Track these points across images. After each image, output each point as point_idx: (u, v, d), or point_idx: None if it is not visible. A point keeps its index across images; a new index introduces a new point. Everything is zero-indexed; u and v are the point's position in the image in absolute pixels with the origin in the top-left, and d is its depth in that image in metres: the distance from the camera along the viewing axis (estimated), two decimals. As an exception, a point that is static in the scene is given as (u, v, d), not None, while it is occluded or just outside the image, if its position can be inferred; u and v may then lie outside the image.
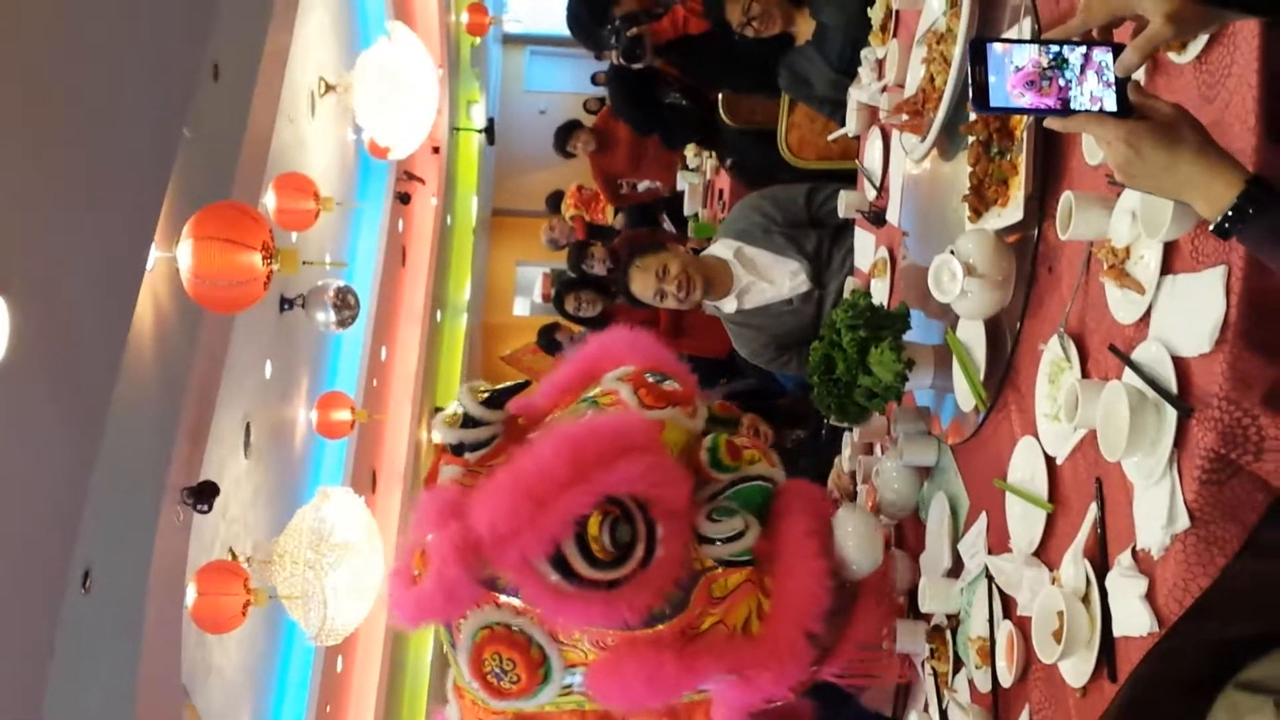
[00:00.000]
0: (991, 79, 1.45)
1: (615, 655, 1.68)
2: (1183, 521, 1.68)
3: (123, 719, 3.18)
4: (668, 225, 8.19)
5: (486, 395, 1.83)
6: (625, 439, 1.69)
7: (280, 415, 5.81)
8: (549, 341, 8.22)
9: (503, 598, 1.70)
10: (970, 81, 1.46)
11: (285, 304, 5.45)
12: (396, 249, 8.09)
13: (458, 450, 1.77)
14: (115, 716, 3.16)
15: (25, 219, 2.51)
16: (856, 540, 2.55)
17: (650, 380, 1.87)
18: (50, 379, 2.61)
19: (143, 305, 3.07)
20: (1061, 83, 1.45)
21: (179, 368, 3.47)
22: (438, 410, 8.74)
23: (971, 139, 2.40)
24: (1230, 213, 1.39)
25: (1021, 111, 1.49)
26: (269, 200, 4.71)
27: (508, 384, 1.89)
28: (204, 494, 3.84)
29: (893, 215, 3.17)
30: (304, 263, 3.99)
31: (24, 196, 2.51)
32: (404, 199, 8.31)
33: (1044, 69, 1.45)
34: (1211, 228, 1.42)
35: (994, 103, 1.46)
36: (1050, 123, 1.50)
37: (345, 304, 5.49)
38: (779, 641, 1.72)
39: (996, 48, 1.46)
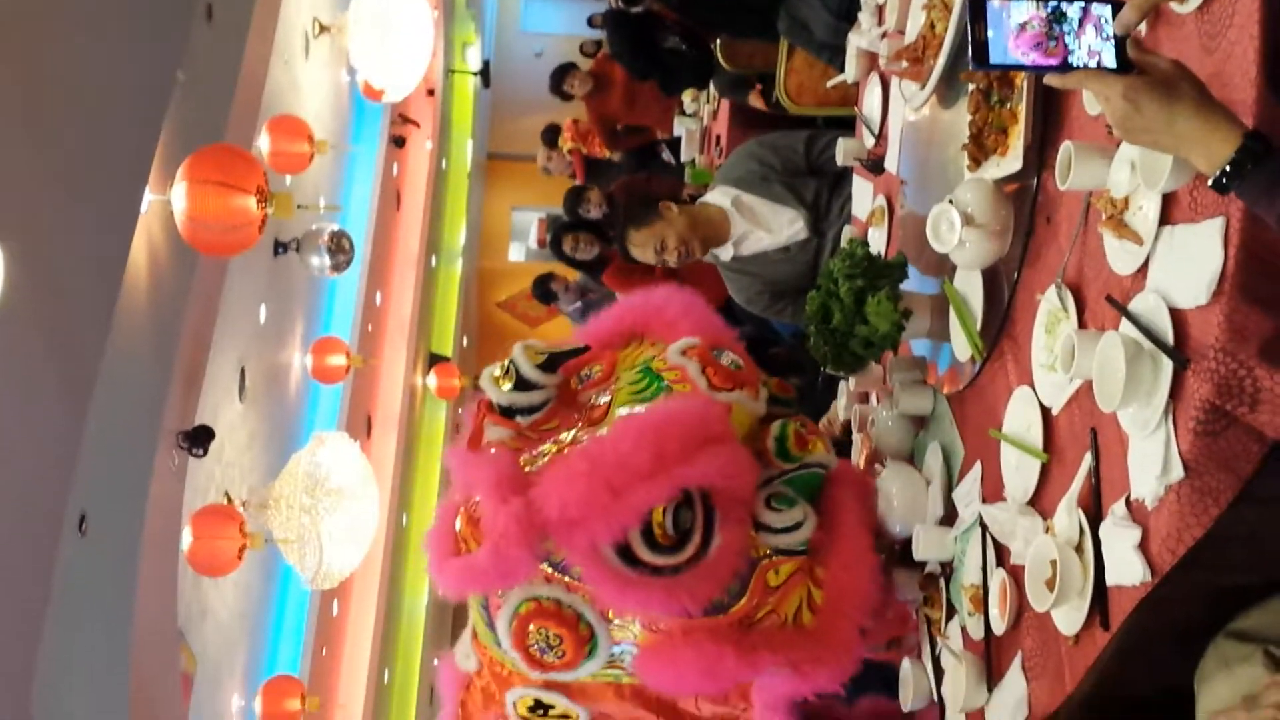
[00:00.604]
0: (990, 35, 1.44)
1: (670, 642, 1.66)
2: (1177, 472, 1.69)
3: (118, 661, 3.21)
4: (667, 156, 8.08)
5: (544, 358, 1.77)
6: (704, 431, 1.65)
7: (275, 360, 5.80)
8: (544, 292, 8.18)
9: (549, 569, 1.66)
10: (969, 38, 1.45)
11: (279, 248, 5.43)
12: (391, 193, 8.04)
13: (507, 413, 1.72)
14: (111, 658, 3.18)
15: (17, 163, 2.49)
16: (903, 501, 2.57)
17: (716, 358, 1.82)
18: (44, 323, 2.60)
19: (137, 248, 3.06)
20: (1061, 38, 1.45)
21: (173, 311, 3.46)
22: (434, 357, 8.75)
23: (971, 87, 2.38)
24: (1228, 168, 1.40)
25: (1021, 68, 1.49)
26: (263, 143, 4.67)
27: (566, 348, 1.82)
28: (199, 438, 3.84)
29: (891, 163, 3.15)
30: (298, 206, 3.96)
31: (15, 139, 2.49)
32: (399, 142, 8.25)
33: (1043, 24, 1.44)
34: (1210, 183, 1.42)
35: (994, 59, 1.46)
36: (1050, 79, 1.50)
37: (340, 248, 5.46)
38: (834, 637, 1.71)
39: (995, 3, 1.45)
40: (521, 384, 1.72)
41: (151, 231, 3.22)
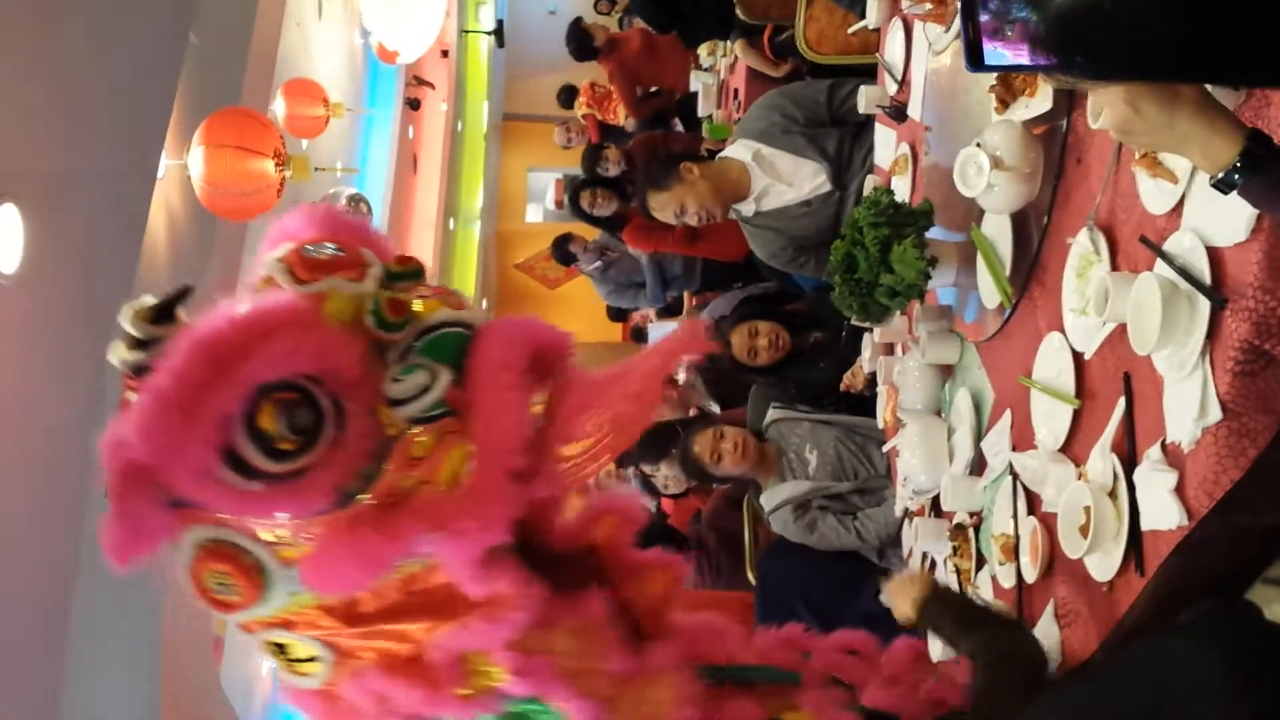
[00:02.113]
0: (985, 34, 1.41)
1: (321, 543, 1.60)
2: (1215, 414, 1.66)
3: (149, 625, 3.22)
4: (679, 127, 8.03)
5: (152, 310, 1.69)
6: (266, 322, 1.56)
7: (296, 325, 5.81)
8: (563, 252, 8.13)
9: (200, 514, 1.62)
10: (964, 40, 1.42)
11: (298, 212, 5.42)
12: (408, 156, 8.02)
13: (139, 372, 1.66)
14: (142, 622, 3.20)
15: (34, 128, 2.48)
16: (924, 453, 2.54)
17: (305, 253, 1.72)
18: (65, 292, 2.59)
19: (155, 213, 3.05)
20: None
21: (194, 276, 3.46)
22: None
23: (997, 28, 2.34)
24: (1230, 170, 1.38)
25: (1017, 69, 1.45)
26: (278, 106, 4.66)
27: (171, 293, 1.74)
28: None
29: (915, 110, 3.10)
30: (315, 169, 3.95)
31: (32, 105, 2.47)
32: (414, 104, 8.22)
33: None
34: (1211, 183, 1.40)
35: (989, 60, 1.42)
36: (1047, 80, 1.47)
37: (358, 212, 5.45)
38: (480, 485, 1.63)
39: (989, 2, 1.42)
40: (137, 344, 1.66)
41: (169, 196, 3.21)
